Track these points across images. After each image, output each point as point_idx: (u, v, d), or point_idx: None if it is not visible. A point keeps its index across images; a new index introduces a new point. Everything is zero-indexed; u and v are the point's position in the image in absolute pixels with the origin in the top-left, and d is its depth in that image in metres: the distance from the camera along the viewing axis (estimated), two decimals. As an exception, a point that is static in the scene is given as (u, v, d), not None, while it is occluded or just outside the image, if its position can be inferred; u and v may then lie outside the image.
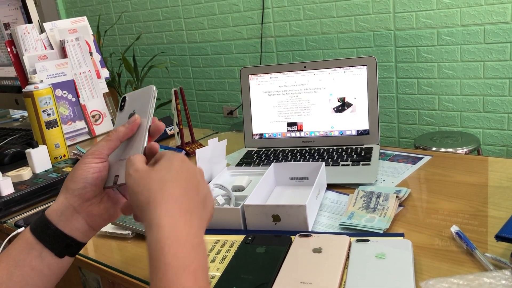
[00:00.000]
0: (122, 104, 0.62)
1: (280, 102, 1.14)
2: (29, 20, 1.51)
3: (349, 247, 0.67)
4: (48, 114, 1.21)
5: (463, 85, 2.39)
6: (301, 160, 1.04)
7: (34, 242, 0.55)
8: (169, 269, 0.44)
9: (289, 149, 1.11)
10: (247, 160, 1.08)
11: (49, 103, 1.21)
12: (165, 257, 0.44)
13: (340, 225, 0.76)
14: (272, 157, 1.08)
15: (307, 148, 1.10)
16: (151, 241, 0.46)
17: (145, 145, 0.57)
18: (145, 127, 0.58)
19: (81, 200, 0.56)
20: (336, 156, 1.04)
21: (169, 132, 1.40)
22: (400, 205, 0.81)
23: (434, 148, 2.08)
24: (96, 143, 0.59)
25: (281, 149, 1.12)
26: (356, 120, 1.09)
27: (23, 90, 1.21)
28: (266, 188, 0.88)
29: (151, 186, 0.50)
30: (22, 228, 0.87)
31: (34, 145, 1.12)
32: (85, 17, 1.57)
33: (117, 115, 0.62)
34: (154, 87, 0.60)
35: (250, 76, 1.16)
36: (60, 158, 1.24)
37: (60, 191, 0.57)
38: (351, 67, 1.08)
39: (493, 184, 0.85)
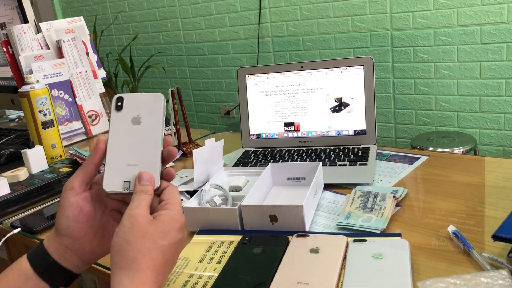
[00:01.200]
0: (119, 104, 0.57)
1: (277, 102, 1.14)
2: (25, 20, 1.50)
3: (346, 247, 0.67)
4: (45, 114, 1.20)
5: (460, 85, 2.40)
6: (298, 160, 1.04)
7: (31, 273, 0.54)
8: None
9: (286, 149, 1.11)
10: (244, 160, 1.08)
11: (46, 103, 1.20)
12: None
13: (337, 225, 0.76)
14: (269, 157, 1.08)
15: (304, 148, 1.10)
16: None
17: (159, 164, 0.55)
18: (159, 140, 0.56)
19: (71, 238, 0.54)
20: (333, 156, 1.04)
21: (166, 132, 1.40)
22: (397, 205, 0.81)
23: (431, 148, 2.09)
24: (75, 173, 0.56)
25: (278, 149, 1.12)
26: (353, 120, 1.09)
27: (19, 90, 1.21)
28: (263, 188, 0.88)
29: (141, 246, 0.49)
30: (18, 229, 0.86)
31: (30, 145, 1.12)
32: (81, 17, 1.57)
33: (111, 114, 0.57)
34: (163, 96, 0.57)
35: (247, 76, 1.16)
36: (57, 158, 1.23)
37: (56, 229, 0.56)
38: (348, 67, 1.08)
39: (490, 184, 0.85)
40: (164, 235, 0.50)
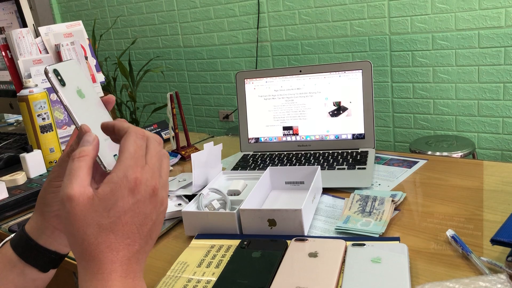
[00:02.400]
0: (60, 78, 0.51)
1: (275, 106, 1.14)
2: (24, 24, 1.50)
3: (345, 251, 0.67)
4: (43, 119, 1.20)
5: (458, 89, 2.41)
6: (297, 164, 1.04)
7: (16, 260, 0.53)
8: None
9: (285, 153, 1.11)
10: (243, 164, 1.08)
11: (44, 107, 1.20)
12: None
13: (335, 229, 0.75)
14: (268, 161, 1.08)
15: (302, 152, 1.10)
16: None
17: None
18: (102, 105, 0.53)
19: (60, 219, 0.54)
20: (331, 160, 1.04)
21: (164, 137, 1.40)
22: (395, 209, 0.81)
23: (429, 152, 2.09)
24: (59, 162, 0.52)
25: (276, 153, 1.12)
26: (351, 124, 1.09)
27: (17, 94, 1.21)
28: (261, 192, 0.88)
29: (86, 235, 0.42)
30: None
31: (28, 149, 1.12)
32: (80, 21, 1.57)
33: (59, 91, 0.50)
34: (75, 60, 0.55)
35: (245, 80, 1.16)
36: (55, 162, 1.23)
37: (34, 212, 0.55)
38: (346, 72, 1.09)
39: (488, 188, 0.85)
40: (108, 211, 0.42)
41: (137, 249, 0.44)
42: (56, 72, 0.51)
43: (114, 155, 0.50)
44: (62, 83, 0.51)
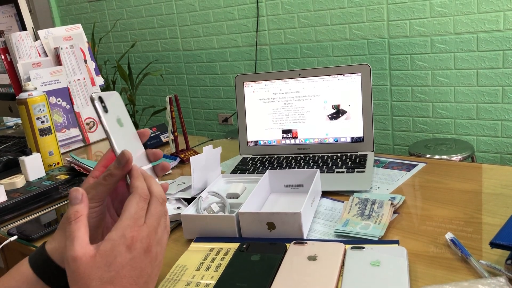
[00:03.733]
0: (104, 105, 0.56)
1: (275, 109, 1.14)
2: (23, 28, 1.50)
3: (344, 254, 0.67)
4: (42, 122, 1.20)
5: (457, 92, 2.41)
6: (296, 167, 1.04)
7: (35, 280, 0.53)
8: None
9: (284, 156, 1.11)
10: (242, 167, 1.08)
11: (43, 110, 1.20)
12: None
13: (335, 232, 0.75)
14: (267, 164, 1.08)
15: (302, 155, 1.10)
16: None
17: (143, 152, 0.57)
18: (138, 138, 0.58)
19: None
20: (330, 163, 1.04)
21: (163, 140, 1.40)
22: (394, 212, 0.81)
23: (428, 155, 2.09)
24: (93, 185, 0.55)
25: (276, 156, 1.12)
26: (350, 127, 1.09)
27: (17, 97, 1.21)
28: (260, 196, 0.88)
29: (89, 285, 0.46)
30: (15, 237, 0.86)
31: (27, 152, 1.12)
32: (79, 25, 1.57)
33: (102, 117, 0.55)
34: (117, 92, 0.59)
35: (245, 83, 1.16)
36: (54, 165, 1.23)
37: (57, 232, 0.55)
38: (345, 75, 1.09)
39: (487, 191, 0.85)
40: (108, 267, 0.47)
41: None
42: (101, 99, 0.56)
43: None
44: (106, 110, 0.56)
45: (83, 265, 0.47)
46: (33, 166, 1.11)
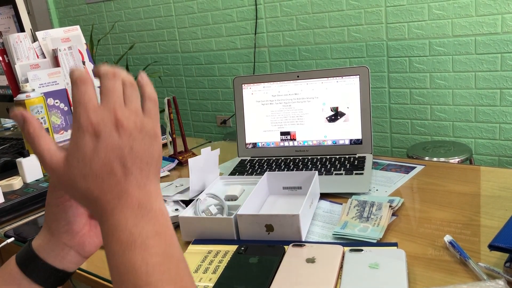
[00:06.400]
0: None
1: (273, 111, 1.14)
2: (21, 29, 1.50)
3: (343, 256, 0.67)
4: (40, 123, 1.20)
5: (455, 95, 2.41)
6: (294, 169, 1.04)
7: (22, 277, 0.52)
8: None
9: (282, 158, 1.11)
10: (240, 169, 1.08)
11: (41, 112, 1.20)
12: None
13: (333, 234, 0.75)
14: (265, 166, 1.08)
15: (300, 157, 1.10)
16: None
17: None
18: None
19: (71, 234, 0.53)
20: (329, 165, 1.04)
21: (162, 141, 1.40)
22: (393, 214, 0.81)
23: (426, 158, 2.09)
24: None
25: (274, 158, 1.12)
26: (349, 130, 1.09)
27: (14, 99, 1.21)
28: (259, 198, 0.88)
29: (77, 188, 0.44)
30: (12, 239, 0.86)
31: (25, 154, 1.12)
32: (78, 26, 1.57)
33: None
34: None
35: (243, 85, 1.16)
36: (52, 167, 1.23)
37: (43, 228, 0.54)
38: (343, 77, 1.09)
39: (486, 194, 0.85)
40: (82, 162, 0.43)
41: (130, 180, 0.44)
42: None
43: None
44: None
45: (61, 172, 0.44)
46: (31, 168, 1.11)
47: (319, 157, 1.09)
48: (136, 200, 0.44)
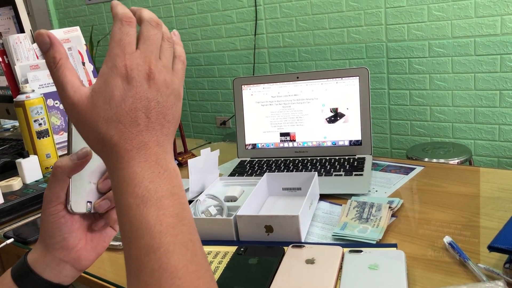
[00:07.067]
0: None
1: (273, 112, 1.14)
2: (21, 30, 1.50)
3: (342, 258, 0.67)
4: (40, 124, 1.20)
5: (455, 96, 2.41)
6: (294, 170, 1.04)
7: None
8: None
9: (282, 159, 1.11)
10: (240, 170, 1.08)
11: (41, 112, 1.20)
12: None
13: (333, 235, 0.75)
14: (265, 167, 1.08)
15: (300, 158, 1.10)
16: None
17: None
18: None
19: (66, 250, 0.52)
20: (328, 166, 1.04)
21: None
22: (392, 215, 0.81)
23: (426, 159, 2.09)
24: (48, 185, 0.51)
25: (274, 159, 1.12)
26: (348, 131, 1.09)
27: (14, 99, 1.21)
28: (258, 199, 0.88)
29: (97, 129, 0.42)
30: (11, 240, 0.86)
31: (24, 155, 1.12)
32: (78, 27, 1.57)
33: (73, 131, 0.51)
34: None
35: (243, 86, 1.16)
36: (51, 168, 1.23)
37: (38, 242, 0.53)
38: (343, 78, 1.09)
39: (485, 195, 0.85)
40: (108, 103, 0.42)
41: (151, 133, 0.43)
42: None
43: (88, 202, 0.51)
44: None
45: (82, 109, 0.42)
46: (30, 169, 1.11)
47: (318, 158, 1.09)
48: (154, 155, 0.42)
